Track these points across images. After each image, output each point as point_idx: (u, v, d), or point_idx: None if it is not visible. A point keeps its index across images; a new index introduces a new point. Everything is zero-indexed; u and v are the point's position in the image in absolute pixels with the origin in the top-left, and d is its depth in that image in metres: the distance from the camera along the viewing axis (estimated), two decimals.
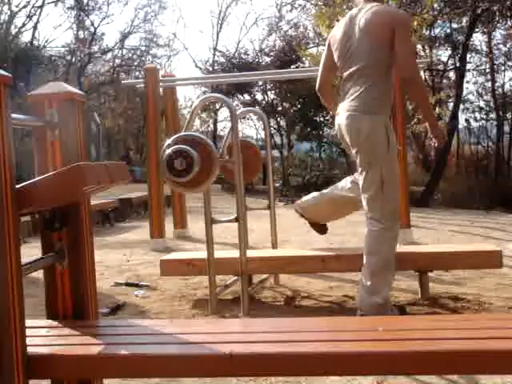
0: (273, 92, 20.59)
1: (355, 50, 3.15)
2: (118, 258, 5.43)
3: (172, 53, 29.48)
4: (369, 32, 3.10)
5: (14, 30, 22.09)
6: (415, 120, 12.57)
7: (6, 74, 1.53)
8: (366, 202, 3.15)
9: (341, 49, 3.22)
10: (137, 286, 4.15)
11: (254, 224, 6.45)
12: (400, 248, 3.82)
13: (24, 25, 22.74)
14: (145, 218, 8.40)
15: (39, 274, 1.89)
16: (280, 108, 20.48)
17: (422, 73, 14.39)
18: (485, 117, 19.59)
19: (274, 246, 4.20)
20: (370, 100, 3.10)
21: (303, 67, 15.94)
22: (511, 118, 18.75)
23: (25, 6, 22.41)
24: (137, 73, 25.20)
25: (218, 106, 21.27)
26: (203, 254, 3.50)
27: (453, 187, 15.59)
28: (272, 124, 19.93)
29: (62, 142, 1.82)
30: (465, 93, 18.22)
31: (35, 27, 22.99)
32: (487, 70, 19.01)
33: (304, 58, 16.06)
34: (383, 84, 3.14)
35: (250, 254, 3.51)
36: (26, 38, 23.07)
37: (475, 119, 19.90)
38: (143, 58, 26.36)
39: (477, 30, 16.25)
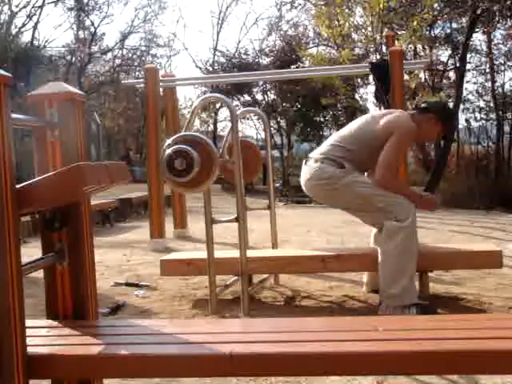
0: (273, 92, 20.60)
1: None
2: (118, 258, 5.43)
3: (172, 53, 29.46)
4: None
5: (14, 30, 22.11)
6: None
7: (6, 74, 1.53)
8: (374, 227, 3.41)
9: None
10: (137, 286, 4.15)
11: (254, 224, 6.44)
12: None
13: (24, 25, 22.75)
14: (145, 218, 8.40)
15: (39, 274, 1.89)
16: (280, 108, 20.48)
17: (422, 73, 14.42)
18: (485, 117, 19.58)
19: (274, 246, 4.20)
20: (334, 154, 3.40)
21: (303, 67, 15.95)
22: (511, 117, 18.74)
23: (25, 6, 22.43)
24: (137, 73, 25.19)
25: (218, 106, 21.27)
26: (203, 254, 3.50)
27: (453, 187, 15.57)
28: (272, 124, 19.94)
29: (62, 142, 1.82)
30: (465, 93, 18.22)
31: (35, 27, 23.00)
32: (487, 70, 19.01)
33: (304, 58, 16.08)
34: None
35: (250, 254, 3.51)
36: (26, 38, 23.09)
37: (475, 119, 19.89)
38: (143, 58, 26.35)
39: (477, 29, 16.24)
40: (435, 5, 13.53)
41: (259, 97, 21.12)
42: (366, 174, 3.54)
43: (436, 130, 3.50)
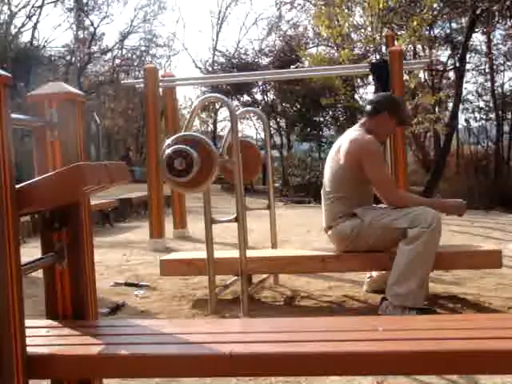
0: (272, 92, 20.61)
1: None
2: (118, 258, 5.43)
3: (172, 53, 29.47)
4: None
5: (13, 30, 22.12)
6: (415, 120, 12.58)
7: (6, 74, 1.53)
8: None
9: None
10: (136, 285, 4.15)
11: (253, 224, 6.44)
12: None
13: (24, 25, 22.79)
14: (145, 218, 8.40)
15: (39, 274, 1.89)
16: (280, 108, 20.50)
17: (421, 73, 14.43)
18: (484, 117, 19.61)
19: (274, 246, 4.20)
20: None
21: (303, 67, 15.95)
22: (511, 117, 18.76)
23: (24, 6, 22.46)
24: (136, 73, 25.21)
25: (217, 106, 21.28)
26: (203, 254, 3.50)
27: (452, 187, 15.59)
28: (272, 124, 19.95)
29: (62, 142, 1.82)
30: (464, 93, 18.26)
31: (35, 27, 23.04)
32: (487, 70, 19.03)
33: (303, 58, 16.08)
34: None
35: (249, 254, 3.51)
36: (25, 38, 23.13)
37: (475, 119, 19.93)
38: (143, 58, 26.37)
39: (476, 30, 16.27)
40: (435, 5, 13.54)
41: (259, 97, 21.16)
42: None
43: (392, 123, 3.56)
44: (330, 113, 19.85)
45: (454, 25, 17.26)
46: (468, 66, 17.86)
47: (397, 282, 3.14)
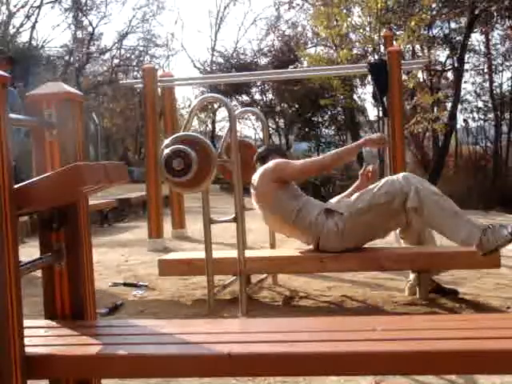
0: (271, 92, 20.61)
1: None
2: (117, 258, 5.42)
3: (170, 53, 29.46)
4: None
5: (12, 30, 22.08)
6: (413, 120, 12.59)
7: (4, 74, 1.53)
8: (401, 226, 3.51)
9: None
10: (135, 286, 4.14)
11: (252, 224, 6.43)
12: (398, 248, 3.82)
13: (22, 25, 22.72)
14: (143, 218, 8.39)
15: (37, 274, 1.88)
16: (278, 108, 20.49)
17: (420, 73, 14.43)
18: (483, 117, 19.62)
19: (273, 246, 4.20)
20: None
21: (301, 67, 15.95)
22: (509, 118, 18.77)
23: (23, 6, 22.40)
24: (135, 73, 25.17)
25: (216, 106, 21.27)
26: (202, 254, 3.50)
27: (451, 187, 15.58)
28: (270, 124, 19.95)
29: (61, 142, 1.82)
30: (463, 93, 18.26)
31: (33, 27, 22.98)
32: (485, 70, 19.04)
33: (302, 59, 16.09)
34: None
35: (248, 254, 3.51)
36: (24, 38, 23.04)
37: (473, 119, 19.93)
38: (141, 58, 26.33)
39: (475, 30, 16.28)
40: (433, 5, 13.55)
41: (257, 97, 21.15)
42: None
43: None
44: (329, 113, 19.85)
45: (452, 25, 17.26)
46: (467, 66, 17.87)
47: (454, 235, 3.19)
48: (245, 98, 20.76)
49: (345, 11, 12.42)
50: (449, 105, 16.98)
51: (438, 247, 3.95)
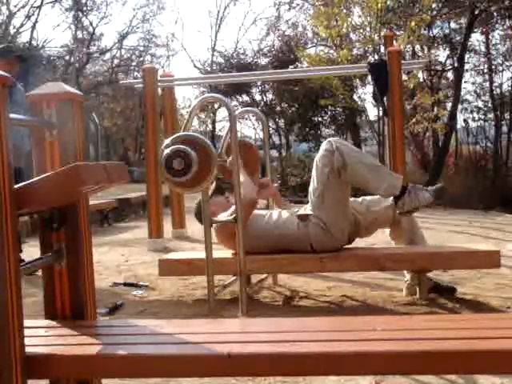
0: (271, 92, 20.59)
1: None
2: (117, 258, 5.43)
3: (171, 53, 29.44)
4: None
5: (12, 31, 22.08)
6: (413, 120, 12.59)
7: (5, 74, 1.53)
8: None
9: None
10: (135, 286, 4.14)
11: None
12: (398, 248, 3.82)
13: (22, 25, 22.73)
14: (143, 218, 8.39)
15: (38, 273, 1.88)
16: (278, 108, 20.48)
17: (420, 73, 14.43)
18: (483, 117, 19.60)
19: None
20: None
21: (301, 67, 15.94)
22: (509, 118, 18.75)
23: (23, 6, 22.40)
24: (135, 73, 25.17)
25: (216, 106, 21.26)
26: (202, 254, 3.49)
27: (451, 187, 15.57)
28: (270, 124, 19.93)
29: (61, 142, 1.82)
30: (463, 93, 18.25)
31: (34, 27, 22.98)
32: (485, 71, 19.03)
33: (302, 59, 16.07)
34: None
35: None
36: (24, 38, 23.05)
37: (473, 119, 19.91)
38: (142, 58, 26.33)
39: (475, 30, 16.27)
40: (433, 5, 13.55)
41: (257, 97, 21.12)
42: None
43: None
44: (329, 113, 19.83)
45: (452, 25, 17.26)
46: (467, 66, 17.85)
47: (377, 187, 3.35)
48: (245, 98, 20.74)
49: (345, 11, 12.42)
50: (449, 105, 16.97)
51: (438, 247, 3.96)
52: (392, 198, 3.40)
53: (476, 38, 18.67)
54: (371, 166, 3.39)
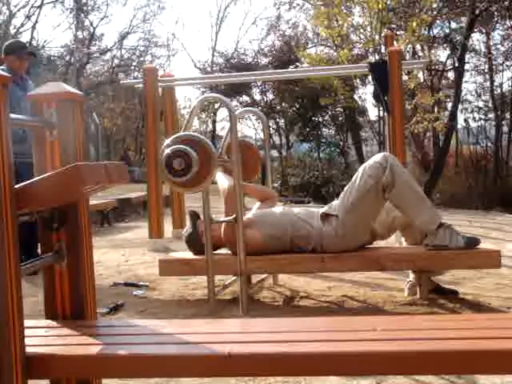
0: (271, 92, 20.61)
1: None
2: (117, 258, 5.43)
3: (171, 53, 29.45)
4: None
5: (12, 31, 22.08)
6: (414, 120, 12.59)
7: (5, 73, 1.53)
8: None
9: None
10: (136, 286, 4.14)
11: None
12: (398, 248, 3.82)
13: (23, 25, 22.75)
14: (144, 218, 8.39)
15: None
16: (279, 108, 20.49)
17: (421, 73, 14.43)
18: (483, 117, 19.61)
19: None
20: None
21: (302, 67, 15.94)
22: (510, 117, 18.75)
23: (23, 6, 22.43)
24: (136, 73, 25.18)
25: (216, 106, 21.28)
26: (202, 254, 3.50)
27: (452, 187, 15.59)
28: (271, 124, 19.94)
29: (61, 142, 1.82)
30: (463, 93, 18.26)
31: (34, 27, 23.00)
32: (486, 70, 19.04)
33: (302, 59, 16.08)
34: None
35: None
36: (24, 38, 23.03)
37: (474, 119, 19.92)
38: (142, 58, 26.34)
39: (475, 30, 16.26)
40: (434, 5, 13.54)
41: (258, 97, 21.14)
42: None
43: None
44: (329, 113, 19.84)
45: (453, 25, 17.27)
46: (467, 66, 17.86)
47: (417, 216, 3.34)
48: (245, 98, 20.76)
49: (345, 11, 12.42)
50: (449, 105, 16.97)
51: None
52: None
53: (476, 38, 18.66)
54: (418, 195, 3.37)
